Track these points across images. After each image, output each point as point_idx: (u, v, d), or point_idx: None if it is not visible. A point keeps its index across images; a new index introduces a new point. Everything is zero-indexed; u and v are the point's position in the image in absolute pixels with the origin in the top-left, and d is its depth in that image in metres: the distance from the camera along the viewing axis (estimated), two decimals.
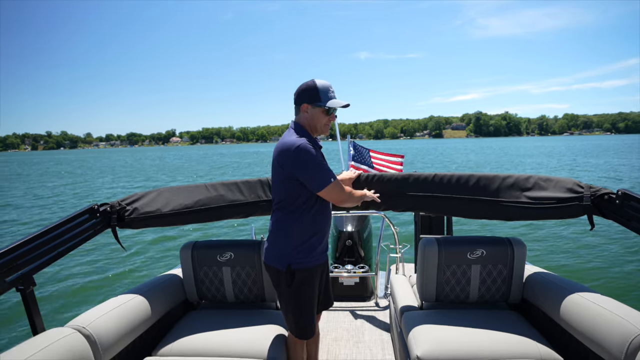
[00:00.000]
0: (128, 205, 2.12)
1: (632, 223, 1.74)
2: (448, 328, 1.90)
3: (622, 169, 22.65)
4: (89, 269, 7.01)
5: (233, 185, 2.24)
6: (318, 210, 1.76)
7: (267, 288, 2.24)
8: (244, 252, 2.20)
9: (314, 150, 1.66)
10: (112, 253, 7.86)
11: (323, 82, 1.71)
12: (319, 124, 1.74)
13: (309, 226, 1.74)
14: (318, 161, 1.66)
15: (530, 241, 7.71)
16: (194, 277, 2.26)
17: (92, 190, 20.23)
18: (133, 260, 7.63)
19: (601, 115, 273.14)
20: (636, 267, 5.96)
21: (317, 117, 1.73)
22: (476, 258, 2.10)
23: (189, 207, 2.16)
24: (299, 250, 1.73)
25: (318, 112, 1.72)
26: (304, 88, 1.72)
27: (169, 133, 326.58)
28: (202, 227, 9.84)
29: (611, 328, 1.49)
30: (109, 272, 6.89)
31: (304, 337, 1.84)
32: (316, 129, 1.76)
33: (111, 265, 7.29)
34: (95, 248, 8.10)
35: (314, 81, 1.70)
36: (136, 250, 8.22)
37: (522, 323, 1.99)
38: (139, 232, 9.11)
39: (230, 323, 2.05)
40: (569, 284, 1.92)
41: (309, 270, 1.76)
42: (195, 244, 2.26)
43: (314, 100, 1.70)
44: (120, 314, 1.80)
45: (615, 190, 1.83)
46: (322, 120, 1.74)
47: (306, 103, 1.71)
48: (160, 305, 2.09)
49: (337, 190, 1.72)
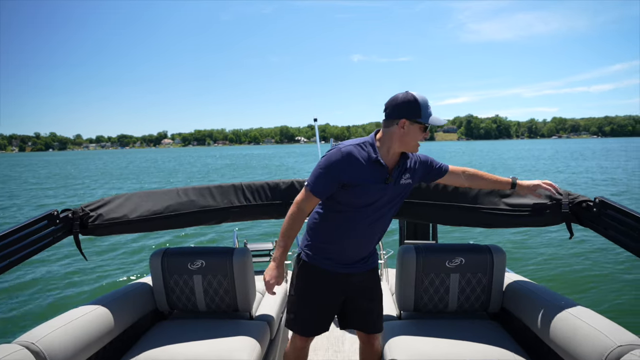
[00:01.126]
0: (92, 211, 2.04)
1: (609, 232, 1.73)
2: (425, 338, 1.88)
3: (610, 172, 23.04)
4: (51, 280, 6.50)
5: (205, 190, 2.18)
6: (342, 218, 1.67)
7: (240, 297, 2.18)
8: (215, 259, 2.14)
9: (343, 159, 1.59)
10: (77, 263, 7.30)
11: (422, 97, 1.57)
12: (413, 142, 1.61)
13: (326, 229, 1.71)
14: (324, 166, 1.61)
15: (520, 248, 7.70)
16: (164, 285, 2.19)
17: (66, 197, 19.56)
18: (102, 269, 7.17)
19: (588, 119, 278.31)
20: (616, 277, 5.91)
21: (413, 134, 1.59)
22: (455, 266, 2.07)
23: (158, 212, 2.10)
24: (312, 245, 1.76)
25: (416, 128, 1.58)
26: (404, 101, 1.57)
27: (161, 135, 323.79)
28: (188, 233, 9.69)
29: (588, 341, 1.47)
30: (74, 283, 6.41)
31: (288, 326, 1.84)
32: (408, 146, 1.63)
33: (77, 275, 6.79)
34: (59, 257, 7.58)
35: (413, 95, 1.56)
36: (107, 258, 7.79)
37: (501, 333, 1.97)
38: (117, 239, 8.85)
39: (202, 333, 1.99)
40: (548, 294, 1.90)
41: (315, 268, 1.74)
42: (166, 251, 2.20)
43: (414, 116, 1.56)
44: (80, 326, 1.70)
45: (593, 198, 1.80)
46: (418, 138, 1.61)
47: (405, 118, 1.57)
48: (127, 315, 2.02)
49: (299, 195, 1.69)
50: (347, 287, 1.78)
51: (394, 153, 1.65)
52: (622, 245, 1.67)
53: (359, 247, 1.73)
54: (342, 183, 1.61)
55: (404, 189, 1.71)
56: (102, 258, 7.78)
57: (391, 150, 1.64)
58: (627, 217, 1.63)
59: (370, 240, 1.74)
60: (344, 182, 1.61)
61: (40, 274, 6.74)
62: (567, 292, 5.44)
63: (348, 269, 1.75)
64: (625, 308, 4.91)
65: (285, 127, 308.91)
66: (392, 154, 1.65)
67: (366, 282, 1.81)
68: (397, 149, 1.64)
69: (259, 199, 2.20)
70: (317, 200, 1.69)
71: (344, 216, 1.67)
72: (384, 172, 1.63)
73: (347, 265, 1.74)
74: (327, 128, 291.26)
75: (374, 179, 1.61)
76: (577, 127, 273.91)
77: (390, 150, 1.64)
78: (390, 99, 1.62)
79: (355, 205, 1.64)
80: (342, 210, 1.67)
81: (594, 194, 1.84)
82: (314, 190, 1.64)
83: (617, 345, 1.36)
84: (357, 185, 1.60)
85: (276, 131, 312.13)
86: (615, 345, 1.37)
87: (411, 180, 1.74)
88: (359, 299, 1.81)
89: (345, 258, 1.73)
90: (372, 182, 1.61)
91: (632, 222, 1.60)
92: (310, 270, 1.75)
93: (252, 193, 2.20)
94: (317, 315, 1.80)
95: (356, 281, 1.78)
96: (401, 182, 1.68)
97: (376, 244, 1.81)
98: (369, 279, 1.82)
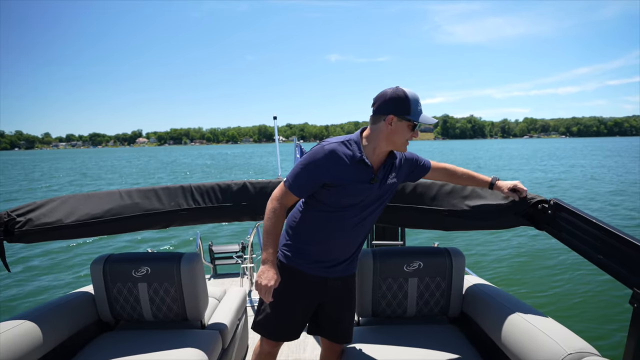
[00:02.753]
0: (20, 216, 1.85)
1: (563, 235, 1.69)
2: (383, 345, 1.84)
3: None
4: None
5: (150, 192, 2.03)
6: (324, 219, 1.58)
7: (190, 305, 2.04)
8: (161, 266, 1.99)
9: (326, 157, 1.50)
10: (1, 274, 6.43)
11: (413, 93, 1.47)
12: (401, 140, 1.51)
13: (307, 230, 1.62)
14: (305, 165, 1.52)
15: (487, 249, 7.74)
16: (106, 294, 2.03)
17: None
18: (40, 278, 6.58)
19: (557, 120, 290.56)
20: (573, 280, 5.95)
21: (401, 132, 1.49)
22: (413, 270, 2.01)
23: (97, 217, 1.93)
24: (291, 246, 1.66)
25: (403, 126, 1.48)
26: (392, 97, 1.47)
27: (135, 133, 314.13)
28: (146, 237, 9.25)
29: (540, 349, 1.45)
30: (4, 295, 5.87)
31: (256, 329, 1.74)
32: (395, 144, 1.53)
33: (3, 288, 6.18)
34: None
35: (403, 90, 1.46)
36: (49, 265, 7.17)
37: (459, 339, 1.93)
38: (65, 245, 8.25)
39: (147, 345, 1.85)
40: (506, 298, 1.86)
41: (292, 270, 1.64)
42: (109, 258, 2.05)
43: (403, 113, 1.46)
44: (7, 340, 1.57)
45: (548, 199, 1.78)
46: (406, 136, 1.50)
47: (393, 114, 1.47)
48: (64, 327, 1.85)
49: (277, 191, 1.60)
50: (324, 292, 1.69)
51: (381, 152, 1.56)
52: (575, 249, 1.63)
53: (340, 249, 1.64)
54: (323, 182, 1.52)
55: (389, 188, 1.63)
56: (44, 266, 7.19)
57: (377, 149, 1.54)
58: (580, 221, 1.59)
59: (352, 242, 1.65)
60: (325, 181, 1.52)
61: None
62: (525, 294, 5.54)
63: (327, 272, 1.66)
64: (580, 313, 4.98)
65: (264, 126, 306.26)
66: (378, 153, 1.56)
67: (343, 289, 1.73)
68: (384, 147, 1.54)
69: (208, 201, 2.07)
70: (296, 198, 1.59)
71: (326, 217, 1.58)
72: (369, 172, 1.54)
73: (326, 268, 1.65)
74: (305, 127, 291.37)
75: (357, 179, 1.52)
76: (547, 127, 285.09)
77: (376, 149, 1.54)
78: (379, 94, 1.52)
79: (338, 205, 1.56)
80: (324, 210, 1.58)
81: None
82: (292, 188, 1.55)
83: (568, 353, 1.35)
84: (340, 185, 1.51)
85: (254, 130, 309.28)
86: (566, 353, 1.35)
87: (396, 180, 1.65)
88: (334, 306, 1.74)
89: (325, 261, 1.64)
90: (356, 182, 1.52)
91: (586, 226, 1.56)
92: (288, 271, 1.64)
93: (202, 195, 2.07)
94: (292, 319, 1.70)
95: (333, 286, 1.69)
96: (387, 182, 1.61)
97: (359, 247, 1.71)
98: (345, 286, 1.74)
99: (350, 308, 1.80)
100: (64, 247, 8.34)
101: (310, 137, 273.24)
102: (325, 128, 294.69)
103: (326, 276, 1.66)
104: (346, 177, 1.51)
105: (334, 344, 1.83)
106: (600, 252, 1.49)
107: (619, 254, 1.41)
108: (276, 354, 1.84)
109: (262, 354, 1.80)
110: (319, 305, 1.73)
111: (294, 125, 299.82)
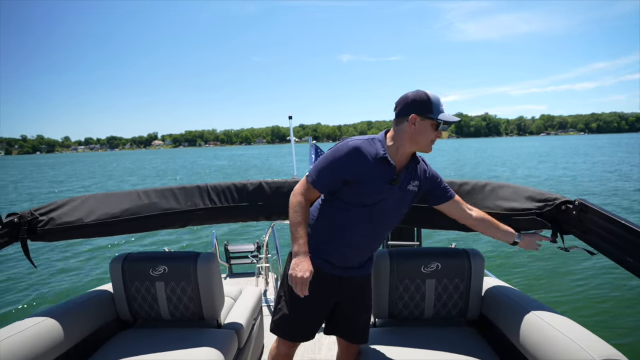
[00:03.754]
0: (43, 215, 1.89)
1: (589, 236, 1.63)
2: (399, 348, 1.81)
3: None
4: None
5: (168, 191, 2.05)
6: (344, 217, 1.57)
7: (206, 305, 2.05)
8: (178, 265, 2.01)
9: (349, 154, 1.51)
10: (27, 270, 6.75)
11: (434, 95, 1.50)
12: (425, 139, 1.51)
13: (325, 228, 1.62)
14: (328, 160, 1.53)
15: (505, 250, 7.52)
16: (125, 292, 2.06)
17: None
18: (60, 276, 6.67)
19: (575, 116, 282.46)
20: (600, 284, 5.70)
21: (424, 131, 1.50)
22: (431, 272, 1.97)
23: (116, 216, 1.96)
24: (308, 244, 1.60)
25: (427, 125, 1.50)
26: (414, 98, 1.50)
27: (151, 136, 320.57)
28: (163, 238, 9.44)
29: (566, 354, 1.39)
30: (23, 294, 5.97)
31: (273, 331, 1.73)
32: (419, 144, 1.53)
33: (28, 284, 6.29)
34: (10, 264, 7.04)
35: (425, 92, 1.50)
36: (68, 264, 7.24)
37: (478, 342, 1.87)
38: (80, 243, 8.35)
39: (164, 344, 1.86)
40: (528, 301, 1.82)
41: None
42: (127, 257, 2.07)
43: (425, 112, 1.49)
44: (29, 337, 1.59)
45: (573, 200, 1.71)
46: (430, 136, 1.51)
47: (416, 114, 1.49)
48: (85, 324, 1.88)
49: (299, 186, 1.60)
50: (341, 292, 1.69)
51: (404, 153, 1.56)
52: (602, 252, 1.58)
53: (358, 249, 1.64)
54: (345, 179, 1.52)
55: (409, 195, 1.61)
56: (66, 264, 7.33)
57: (400, 150, 1.55)
58: (608, 222, 1.53)
59: (370, 243, 1.65)
60: (347, 178, 1.52)
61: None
62: (547, 298, 5.31)
63: (344, 272, 1.66)
64: (608, 319, 4.74)
65: (277, 127, 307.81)
66: (402, 154, 1.56)
67: (359, 289, 1.73)
68: (407, 148, 1.54)
69: (225, 200, 2.07)
70: (317, 193, 1.59)
71: (345, 215, 1.58)
72: (391, 171, 1.53)
73: (344, 268, 1.65)
74: (318, 128, 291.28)
75: (379, 178, 1.52)
76: (564, 124, 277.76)
77: (399, 149, 1.55)
78: (400, 97, 1.55)
79: (358, 204, 1.55)
80: (343, 209, 1.58)
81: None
82: (315, 183, 1.56)
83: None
84: (361, 181, 1.51)
85: (267, 131, 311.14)
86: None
87: (417, 189, 1.64)
88: (350, 306, 1.73)
89: (343, 260, 1.64)
90: (377, 180, 1.52)
91: (614, 227, 1.50)
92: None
93: (218, 195, 2.07)
94: (309, 318, 1.69)
95: (350, 286, 1.69)
96: (408, 188, 1.59)
97: (376, 248, 1.71)
98: (362, 286, 1.74)
99: (367, 309, 1.79)
100: (82, 245, 8.53)
101: (323, 137, 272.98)
102: (338, 128, 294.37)
103: (341, 275, 1.66)
104: (368, 174, 1.51)
105: (350, 344, 1.81)
106: (629, 253, 1.43)
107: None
108: (293, 354, 1.83)
109: (278, 355, 1.78)
110: (335, 304, 1.72)
111: (306, 125, 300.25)
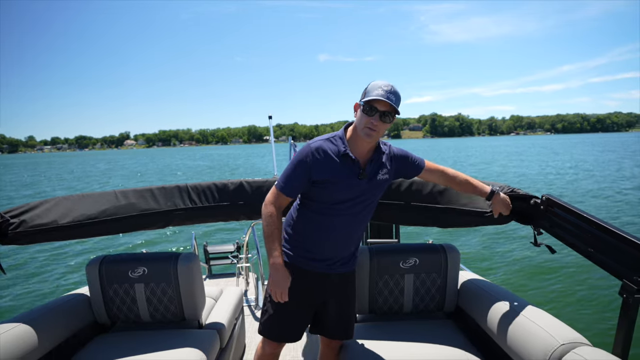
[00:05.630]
0: (14, 217, 1.82)
1: (556, 230, 1.71)
2: (381, 341, 1.84)
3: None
4: None
5: (147, 192, 2.01)
6: (319, 216, 1.61)
7: (187, 305, 2.03)
8: (158, 266, 1.98)
9: (312, 154, 1.53)
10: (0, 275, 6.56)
11: (378, 82, 1.47)
12: (360, 125, 1.50)
13: (303, 228, 1.65)
14: (293, 165, 1.56)
15: (485, 245, 7.81)
16: (102, 295, 2.00)
17: None
18: (34, 280, 6.48)
19: (542, 117, 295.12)
20: (566, 273, 6.05)
21: (359, 118, 1.51)
22: (409, 267, 2.03)
23: (92, 217, 1.90)
24: (290, 244, 1.68)
25: (360, 111, 1.51)
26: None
27: (123, 136, 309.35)
28: (142, 238, 9.20)
29: (534, 340, 1.47)
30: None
31: (261, 332, 1.74)
32: (358, 132, 1.53)
33: (1, 287, 6.11)
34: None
35: (374, 81, 1.50)
36: (43, 268, 7.04)
37: (455, 333, 1.95)
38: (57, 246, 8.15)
39: (144, 346, 1.83)
40: (500, 292, 1.90)
41: (293, 267, 1.65)
42: (104, 259, 2.02)
43: (361, 99, 1.51)
44: (1, 343, 1.55)
45: (540, 196, 1.80)
46: (362, 121, 1.48)
47: (357, 102, 1.53)
48: (60, 329, 1.82)
49: (269, 196, 1.63)
50: (327, 289, 1.70)
51: (362, 145, 1.56)
52: (566, 243, 1.65)
53: (338, 246, 1.66)
54: (312, 179, 1.54)
55: (380, 184, 1.63)
56: (39, 269, 7.08)
57: (358, 142, 1.55)
58: (572, 216, 1.61)
59: (348, 239, 1.66)
60: (314, 178, 1.54)
61: None
62: (519, 288, 5.63)
63: (328, 269, 1.67)
64: (573, 305, 5.06)
65: (254, 127, 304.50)
66: (361, 147, 1.56)
67: (344, 285, 1.74)
68: (359, 139, 1.54)
69: (205, 200, 2.05)
70: (288, 199, 1.61)
71: (321, 215, 1.60)
72: (355, 166, 1.55)
73: (327, 265, 1.67)
74: (295, 127, 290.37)
75: (345, 174, 1.54)
76: (532, 124, 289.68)
77: (357, 142, 1.56)
78: None
79: (330, 202, 1.57)
80: (317, 208, 1.60)
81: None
82: (283, 190, 1.59)
83: (560, 344, 1.38)
84: (329, 181, 1.53)
85: (244, 131, 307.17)
86: (559, 344, 1.38)
87: (388, 176, 1.65)
88: (336, 303, 1.74)
89: (324, 257, 1.66)
90: (344, 177, 1.53)
91: (577, 220, 1.58)
92: (289, 269, 1.64)
93: (198, 194, 2.05)
94: (295, 318, 1.71)
95: (334, 283, 1.71)
96: (378, 178, 1.60)
97: (357, 243, 1.73)
98: (346, 282, 1.75)
99: (352, 304, 1.81)
100: (58, 248, 8.18)
101: (300, 137, 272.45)
102: (315, 128, 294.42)
103: (328, 272, 1.68)
104: (334, 173, 1.53)
105: (332, 340, 1.83)
106: (591, 245, 1.51)
107: (608, 246, 1.42)
108: (279, 354, 1.83)
109: (264, 356, 1.79)
110: (321, 304, 1.74)
111: (284, 125, 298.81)
